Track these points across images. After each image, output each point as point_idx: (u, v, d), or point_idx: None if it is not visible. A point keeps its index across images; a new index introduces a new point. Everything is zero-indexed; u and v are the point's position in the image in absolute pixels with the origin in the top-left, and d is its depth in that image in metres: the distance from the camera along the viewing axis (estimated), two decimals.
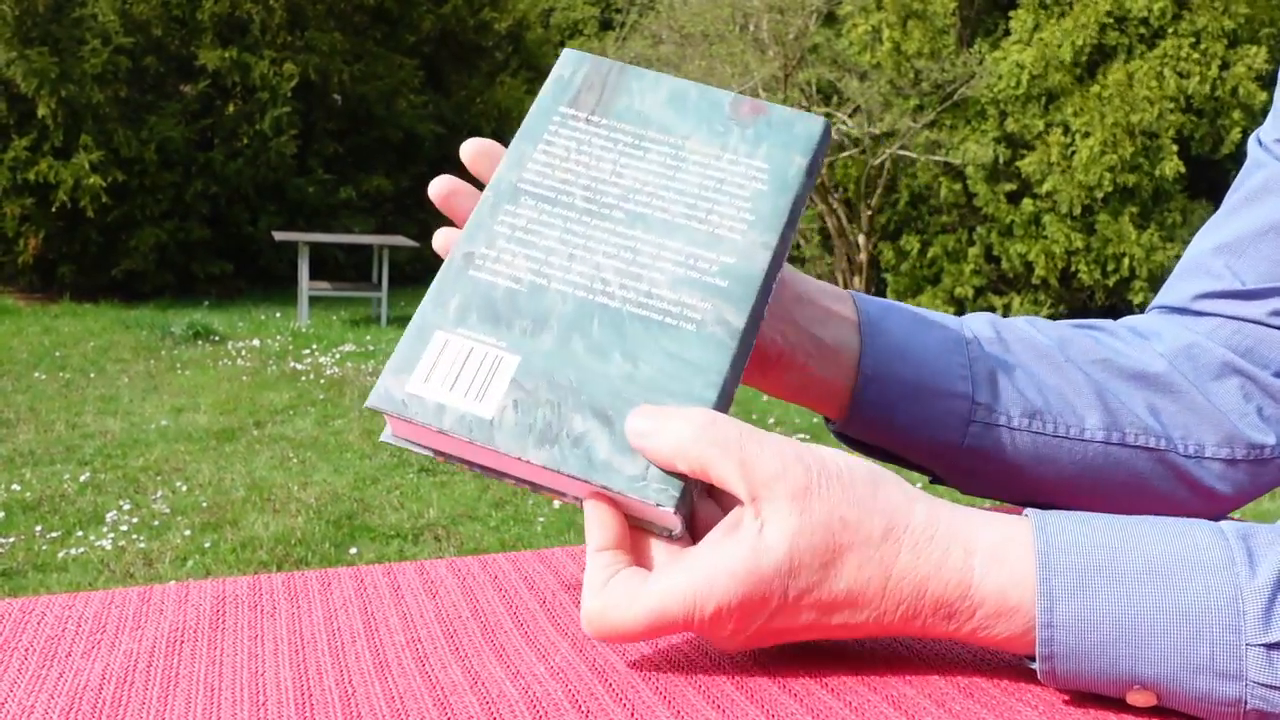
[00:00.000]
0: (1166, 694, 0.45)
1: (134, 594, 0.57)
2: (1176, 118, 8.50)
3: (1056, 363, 0.66)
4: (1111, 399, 0.65)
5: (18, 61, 8.78)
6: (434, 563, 0.62)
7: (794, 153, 0.55)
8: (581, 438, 0.48)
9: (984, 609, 0.46)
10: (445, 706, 0.45)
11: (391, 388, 0.50)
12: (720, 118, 0.56)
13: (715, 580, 0.45)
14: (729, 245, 0.52)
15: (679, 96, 0.57)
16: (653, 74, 0.58)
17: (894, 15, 9.14)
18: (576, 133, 0.56)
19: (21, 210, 9.15)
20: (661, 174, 0.54)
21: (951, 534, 0.47)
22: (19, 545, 3.60)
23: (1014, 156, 9.00)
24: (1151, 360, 0.67)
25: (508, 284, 0.52)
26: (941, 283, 9.46)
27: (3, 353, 6.88)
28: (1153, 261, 8.62)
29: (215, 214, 10.16)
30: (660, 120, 0.56)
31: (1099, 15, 8.59)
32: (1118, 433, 0.65)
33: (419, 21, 11.71)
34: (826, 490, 0.46)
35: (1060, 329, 0.69)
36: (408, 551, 3.68)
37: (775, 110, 0.57)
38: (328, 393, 6.08)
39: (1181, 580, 0.44)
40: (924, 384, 0.63)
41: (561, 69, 0.58)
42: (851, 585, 0.46)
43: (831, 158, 9.33)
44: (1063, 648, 0.45)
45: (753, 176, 0.55)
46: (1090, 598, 0.44)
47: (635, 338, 0.50)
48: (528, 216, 0.54)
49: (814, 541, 0.45)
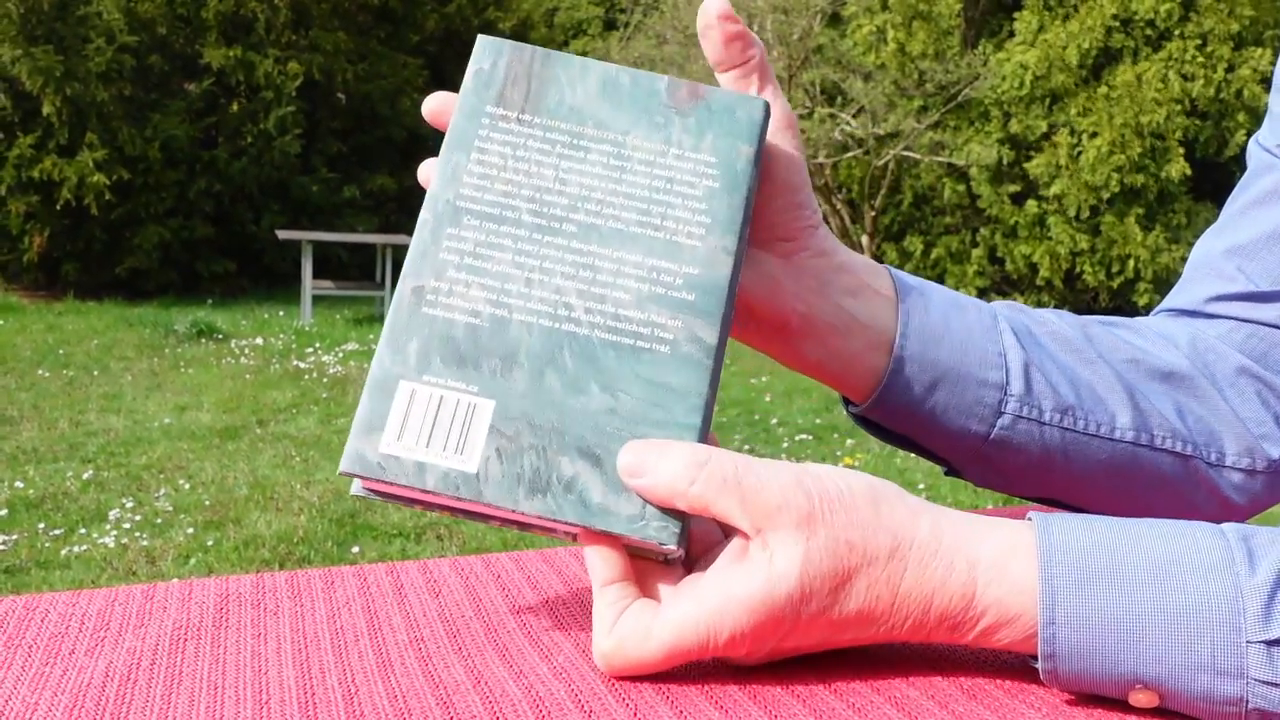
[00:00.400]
0: (1168, 694, 0.45)
1: (137, 591, 0.57)
2: (1182, 120, 8.50)
3: (1088, 358, 0.64)
4: (1142, 399, 0.64)
5: (23, 59, 8.80)
6: (437, 562, 0.62)
7: (740, 142, 0.53)
8: (573, 482, 0.47)
9: (987, 618, 0.46)
10: (448, 706, 0.45)
11: (364, 450, 0.47)
12: (659, 107, 0.53)
13: (728, 609, 0.46)
14: (690, 254, 0.51)
15: (611, 85, 0.53)
16: (579, 60, 0.54)
17: (898, 16, 9.14)
18: (509, 136, 0.52)
19: (26, 208, 9.17)
20: (607, 177, 0.52)
21: (955, 548, 0.47)
22: (22, 542, 3.61)
23: (1018, 158, 9.00)
24: (1177, 360, 0.66)
25: (466, 319, 0.49)
26: (945, 283, 9.46)
27: (7, 350, 6.89)
28: (1157, 263, 8.61)
29: (219, 212, 10.17)
30: (596, 114, 0.53)
31: (1105, 18, 8.59)
32: (1146, 433, 0.63)
33: (423, 21, 11.73)
34: (830, 516, 0.46)
35: (1084, 323, 0.66)
36: (410, 550, 3.68)
37: (713, 94, 0.54)
38: (331, 391, 6.08)
39: (1182, 580, 0.44)
40: (959, 369, 0.60)
41: (480, 61, 0.53)
42: (861, 605, 0.46)
43: (835, 158, 9.32)
44: (1065, 646, 0.45)
45: (702, 173, 0.52)
46: (1092, 597, 0.45)
47: (609, 367, 0.49)
48: (474, 239, 0.50)
49: (823, 568, 0.46)
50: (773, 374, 7.00)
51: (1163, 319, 0.72)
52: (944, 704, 0.46)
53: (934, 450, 0.65)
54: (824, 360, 0.60)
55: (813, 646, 0.48)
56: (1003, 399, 0.61)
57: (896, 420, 0.62)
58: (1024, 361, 0.61)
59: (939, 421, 0.61)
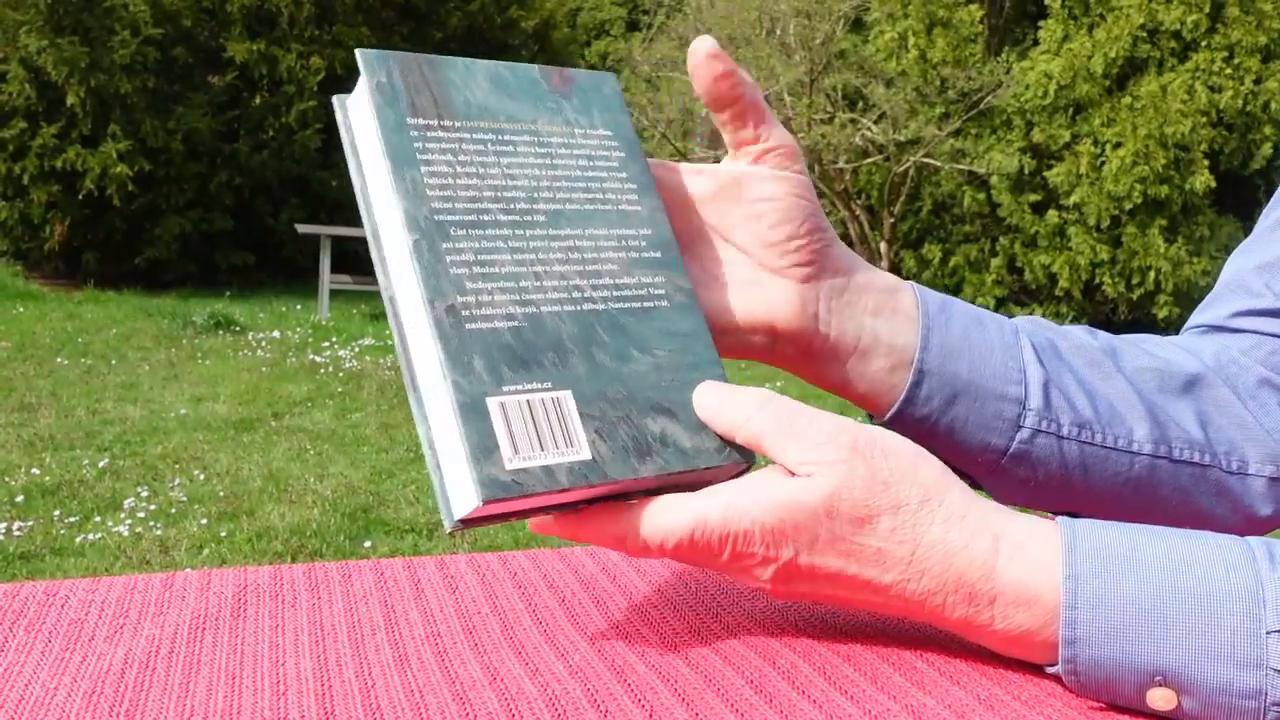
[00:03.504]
0: (1187, 686, 0.45)
1: (156, 580, 0.57)
2: (1207, 131, 8.44)
3: (1108, 371, 0.65)
4: (1160, 411, 0.64)
5: (49, 50, 8.86)
6: (454, 558, 0.63)
7: (618, 113, 0.57)
8: (664, 436, 0.51)
9: (1004, 596, 0.47)
10: (464, 701, 0.45)
11: (492, 473, 0.46)
12: (545, 94, 0.56)
13: (757, 499, 0.48)
14: (637, 218, 0.55)
15: (499, 80, 0.55)
16: (460, 60, 0.55)
17: (920, 23, 9.11)
18: (442, 143, 0.52)
19: (48, 197, 9.22)
20: (542, 165, 0.54)
21: (983, 519, 0.49)
22: (37, 529, 3.63)
23: (1039, 167, 8.96)
24: (1198, 367, 0.67)
25: (508, 324, 0.50)
26: (963, 292, 9.43)
27: (26, 338, 6.94)
28: (1179, 275, 8.55)
29: (239, 205, 10.21)
30: (502, 109, 0.54)
31: (1132, 27, 8.54)
32: (1165, 445, 0.64)
33: (446, 18, 11.75)
34: (870, 455, 0.49)
35: (1112, 338, 0.68)
36: (422, 546, 3.69)
37: (576, 75, 0.58)
38: (346, 386, 6.10)
39: (1203, 570, 0.45)
40: (977, 384, 0.61)
41: (375, 74, 0.52)
42: (882, 545, 0.48)
43: (855, 164, 9.30)
44: (1086, 630, 0.45)
45: (609, 146, 0.56)
46: (1114, 582, 0.46)
47: (636, 331, 0.53)
48: (470, 249, 0.50)
49: (854, 495, 0.48)
50: (786, 379, 6.99)
51: (1189, 335, 0.73)
52: (961, 714, 0.46)
53: (953, 463, 0.65)
54: (847, 379, 0.61)
55: (826, 580, 0.49)
56: (1021, 413, 0.61)
57: (915, 433, 0.63)
58: (1044, 378, 0.62)
59: (958, 435, 0.62)
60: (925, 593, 0.48)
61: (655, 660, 0.50)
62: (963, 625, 0.49)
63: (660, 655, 0.50)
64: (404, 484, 4.36)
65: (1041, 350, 0.63)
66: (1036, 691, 0.48)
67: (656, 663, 0.49)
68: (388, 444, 4.95)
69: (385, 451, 4.83)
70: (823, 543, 0.48)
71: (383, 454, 4.79)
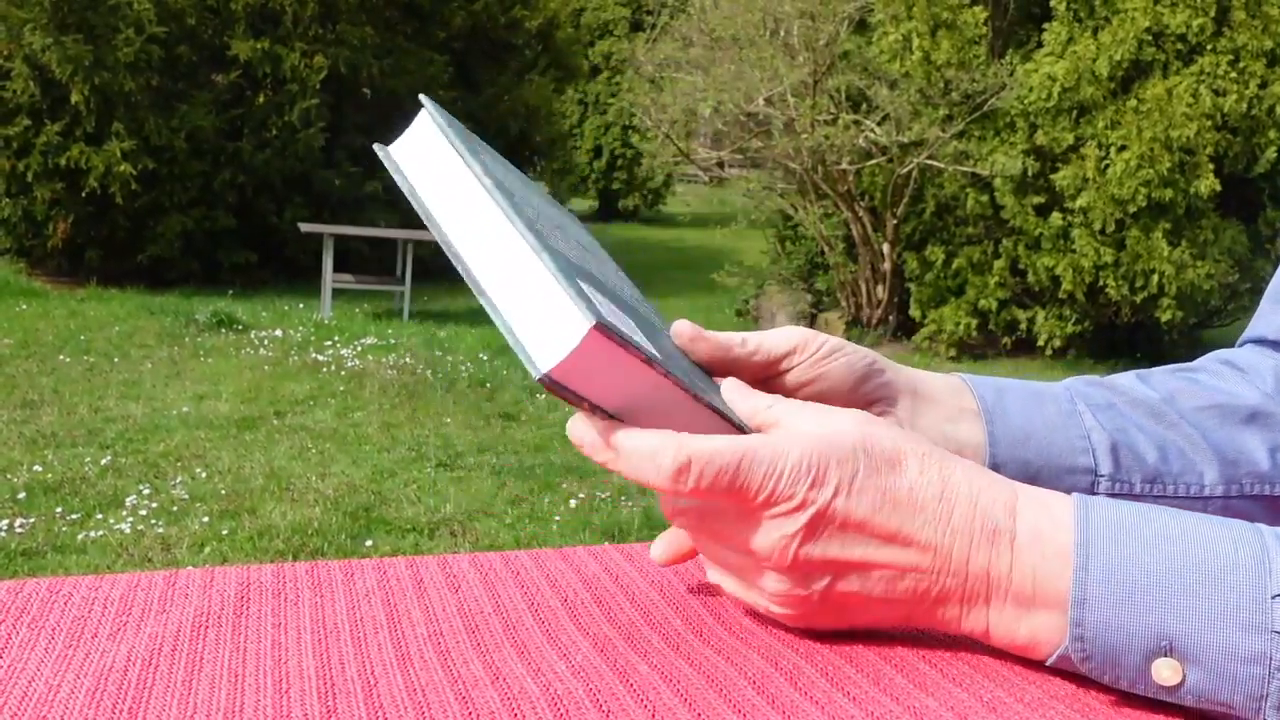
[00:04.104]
0: (1192, 653, 0.45)
1: (159, 578, 0.58)
2: (1212, 135, 8.42)
3: (1171, 420, 0.65)
4: (1227, 447, 0.65)
5: (53, 47, 8.86)
6: (456, 557, 0.63)
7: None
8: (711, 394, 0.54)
9: (1023, 538, 0.49)
10: (467, 701, 0.45)
11: (600, 312, 0.46)
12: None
13: (798, 439, 0.49)
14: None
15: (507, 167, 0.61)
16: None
17: (924, 25, 9.10)
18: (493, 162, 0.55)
19: (52, 194, 9.23)
20: (559, 211, 0.62)
21: (1001, 478, 0.52)
22: (39, 526, 3.63)
23: (1043, 169, 8.95)
24: (1259, 399, 0.67)
25: (614, 309, 0.50)
26: (965, 294, 9.41)
27: (29, 335, 6.94)
28: (1182, 279, 8.53)
29: (242, 204, 10.21)
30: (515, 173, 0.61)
31: (1138, 31, 8.52)
32: (1236, 485, 0.65)
33: (450, 18, 11.75)
34: (886, 420, 0.54)
35: (1165, 380, 0.68)
36: (423, 546, 3.69)
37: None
38: (348, 385, 6.10)
39: (1211, 539, 0.46)
40: (1048, 464, 0.63)
41: (439, 114, 0.54)
42: (913, 484, 0.49)
43: (858, 165, 9.30)
44: (1095, 590, 0.46)
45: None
46: (1124, 547, 0.47)
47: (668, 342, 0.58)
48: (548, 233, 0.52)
49: (882, 441, 0.50)
50: None
51: (1247, 350, 0.73)
52: (964, 716, 0.46)
53: None
54: None
55: (856, 526, 0.49)
56: (1094, 481, 0.63)
57: None
58: (1110, 441, 0.63)
59: None
60: (952, 534, 0.49)
61: (658, 660, 0.50)
62: (981, 583, 0.49)
63: (663, 655, 0.50)
64: (405, 483, 4.37)
65: (1100, 411, 0.65)
66: (1039, 694, 0.48)
67: (659, 663, 0.49)
68: (389, 443, 4.95)
69: (387, 451, 4.83)
70: (860, 481, 0.49)
71: (384, 453, 4.79)
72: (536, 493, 4.34)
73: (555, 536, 3.85)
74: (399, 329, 8.09)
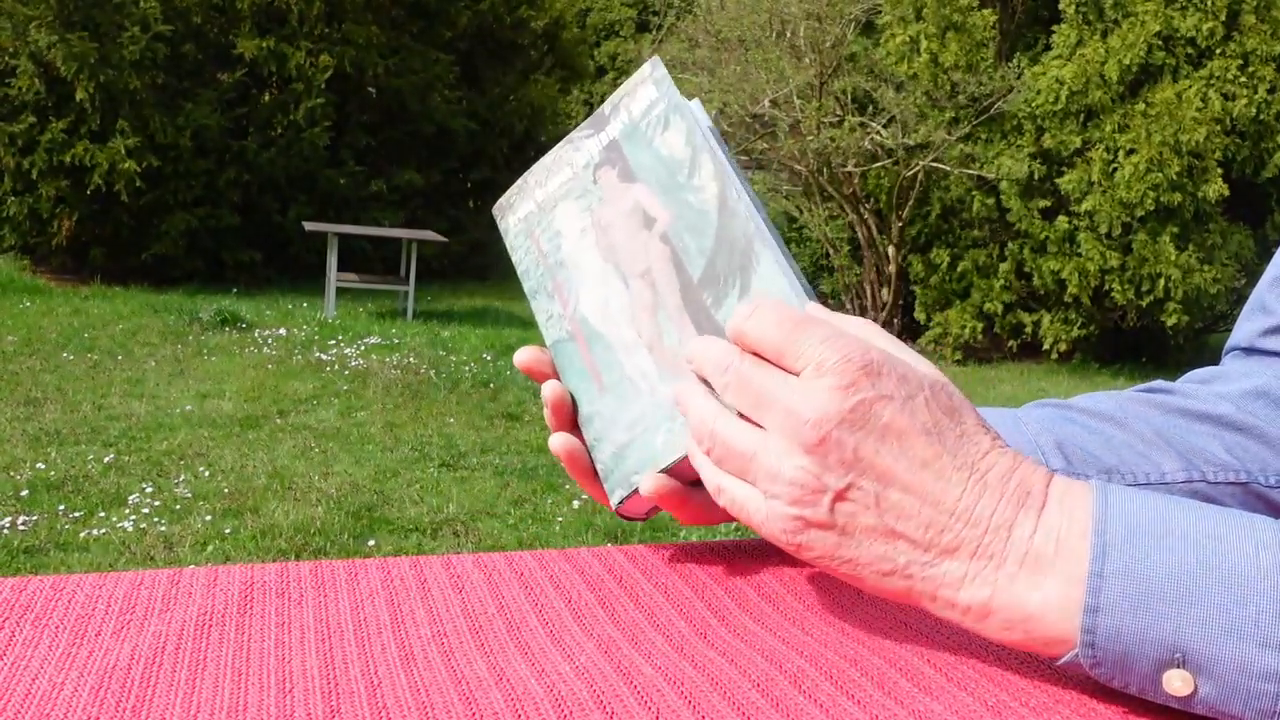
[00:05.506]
0: (1206, 665, 0.43)
1: (163, 576, 0.57)
2: (1221, 139, 8.41)
3: (1121, 421, 0.67)
4: (1182, 443, 0.66)
5: (58, 45, 8.88)
6: (460, 557, 0.62)
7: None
8: None
9: (1051, 510, 0.47)
10: (470, 701, 0.45)
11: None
12: None
13: (831, 323, 0.52)
14: None
15: None
16: None
17: (932, 27, 9.09)
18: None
19: (56, 192, 9.24)
20: None
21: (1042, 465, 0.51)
22: (42, 523, 3.63)
23: (1049, 173, 8.93)
24: (1217, 404, 0.68)
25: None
26: (970, 297, 9.40)
27: (33, 332, 6.95)
28: (1189, 283, 8.52)
29: (246, 202, 10.23)
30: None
31: (1148, 35, 8.51)
32: (1197, 472, 0.65)
33: (456, 17, 11.76)
34: None
35: (1124, 394, 0.70)
36: (426, 546, 3.69)
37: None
38: (351, 384, 6.11)
39: (1233, 547, 0.44)
40: None
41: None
42: (965, 432, 0.49)
43: (864, 168, 9.29)
44: (1110, 598, 0.44)
45: None
46: (1140, 551, 0.45)
47: None
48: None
49: (954, 393, 0.50)
50: None
51: (1227, 361, 0.74)
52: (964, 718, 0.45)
53: None
54: None
55: (899, 437, 0.48)
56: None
57: None
58: (1055, 440, 0.64)
59: None
60: (984, 485, 0.47)
61: (662, 662, 0.49)
62: (999, 540, 0.47)
63: (667, 657, 0.50)
64: (408, 483, 4.37)
65: (1046, 419, 0.66)
66: (1045, 699, 0.48)
67: (663, 665, 0.49)
68: (392, 443, 4.95)
69: (390, 450, 4.83)
70: (919, 403, 0.48)
71: (387, 453, 4.79)
72: (539, 493, 4.34)
73: (558, 537, 3.85)
74: (403, 328, 8.10)
